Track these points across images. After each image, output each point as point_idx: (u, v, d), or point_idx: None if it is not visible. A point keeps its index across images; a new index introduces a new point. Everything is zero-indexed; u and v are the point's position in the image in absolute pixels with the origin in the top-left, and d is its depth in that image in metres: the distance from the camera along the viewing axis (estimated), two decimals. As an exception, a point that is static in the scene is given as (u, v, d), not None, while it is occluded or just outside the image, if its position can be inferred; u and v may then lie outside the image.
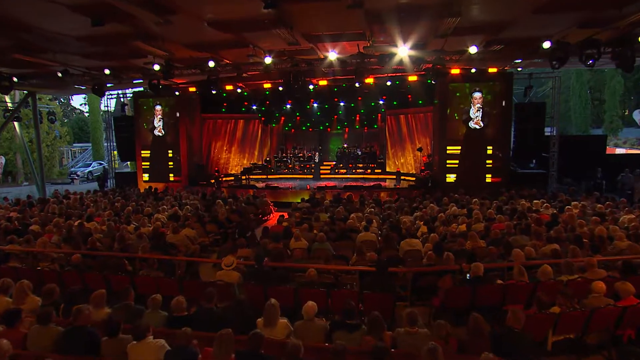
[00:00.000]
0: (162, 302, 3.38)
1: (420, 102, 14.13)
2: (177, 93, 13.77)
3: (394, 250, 5.48)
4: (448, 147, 11.89)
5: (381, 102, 16.04)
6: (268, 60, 7.69)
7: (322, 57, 8.00)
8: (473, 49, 6.51)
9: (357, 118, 17.49)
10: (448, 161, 12.00)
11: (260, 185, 13.28)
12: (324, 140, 19.00)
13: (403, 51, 6.77)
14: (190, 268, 5.94)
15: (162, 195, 10.45)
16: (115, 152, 16.30)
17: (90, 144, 28.03)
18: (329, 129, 18.81)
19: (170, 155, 14.05)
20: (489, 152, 11.66)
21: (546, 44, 6.76)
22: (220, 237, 7.54)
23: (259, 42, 7.30)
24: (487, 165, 11.49)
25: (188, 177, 13.90)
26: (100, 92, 9.18)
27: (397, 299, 3.72)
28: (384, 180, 13.83)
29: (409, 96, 14.20)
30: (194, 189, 11.81)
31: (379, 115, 17.01)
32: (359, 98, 15.72)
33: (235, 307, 3.19)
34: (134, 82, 11.53)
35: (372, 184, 12.80)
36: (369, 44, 6.84)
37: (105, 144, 16.41)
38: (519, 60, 9.14)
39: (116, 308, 3.35)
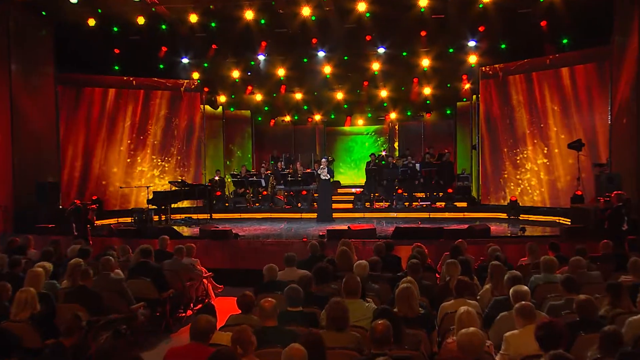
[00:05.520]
0: None
1: (565, 40, 13.18)
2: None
3: None
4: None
5: (472, 43, 14.26)
6: None
7: None
8: None
9: (414, 86, 16.42)
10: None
11: (191, 231, 12.62)
12: (334, 142, 19.83)
13: None
14: None
15: None
16: None
17: None
18: (348, 119, 19.37)
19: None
20: None
21: None
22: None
23: None
24: None
25: (16, 213, 12.60)
26: None
27: None
28: (475, 221, 12.77)
29: (544, 24, 12.87)
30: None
31: (464, 77, 15.85)
32: (423, 34, 13.89)
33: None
34: None
35: (457, 226, 11.52)
36: None
37: None
38: None
39: None
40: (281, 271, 6.90)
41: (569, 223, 11.64)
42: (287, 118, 18.91)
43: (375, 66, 15.40)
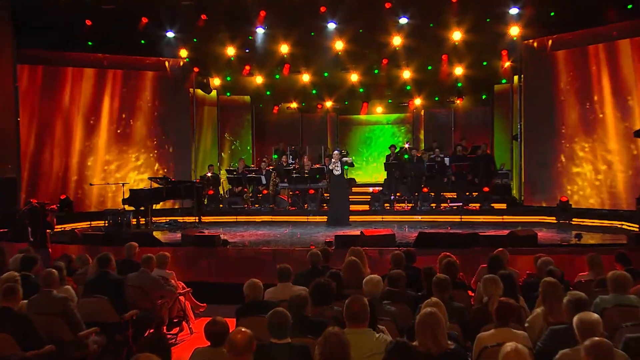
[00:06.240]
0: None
1: (630, 5, 12.84)
2: None
3: None
4: None
5: (514, 10, 14.25)
6: None
7: None
8: None
9: (443, 65, 16.52)
10: None
11: (175, 237, 12.67)
12: (349, 133, 20.28)
13: None
14: None
15: None
16: None
17: None
18: (365, 105, 19.24)
19: None
20: None
21: None
22: None
23: None
24: None
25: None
26: None
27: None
28: (517, 225, 13.02)
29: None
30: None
31: (503, 53, 15.75)
32: (454, 0, 14.04)
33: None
34: None
35: (496, 232, 11.77)
36: None
37: None
38: None
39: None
40: (272, 288, 6.64)
41: (637, 229, 11.54)
42: (293, 105, 19.02)
43: (397, 40, 15.16)
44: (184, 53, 15.91)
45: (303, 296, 5.63)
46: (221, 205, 15.66)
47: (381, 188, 16.00)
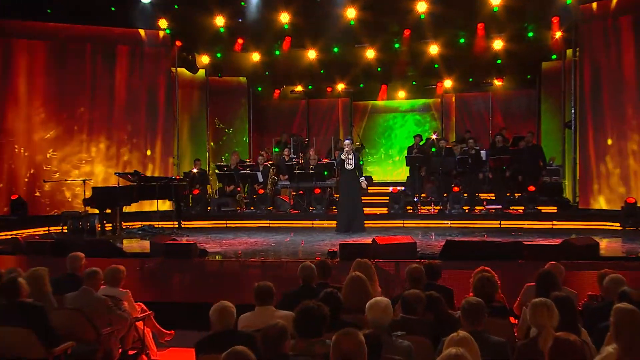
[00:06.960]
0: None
1: None
2: None
3: None
4: None
5: None
6: None
7: None
8: None
9: (478, 38, 16.38)
10: None
11: (143, 246, 12.74)
12: (364, 122, 20.62)
13: None
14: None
15: None
16: None
17: None
18: (383, 87, 19.43)
19: None
20: None
21: None
22: None
23: None
24: None
25: None
26: None
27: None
28: (571, 233, 12.99)
29: None
30: None
31: (553, 21, 15.61)
32: None
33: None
34: None
35: (544, 241, 11.68)
36: None
37: None
38: None
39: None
40: (248, 313, 6.29)
41: None
42: (298, 88, 19.04)
43: (421, 7, 14.96)
44: (163, 23, 15.83)
45: (280, 327, 5.00)
46: (209, 208, 15.72)
47: (402, 187, 15.93)
